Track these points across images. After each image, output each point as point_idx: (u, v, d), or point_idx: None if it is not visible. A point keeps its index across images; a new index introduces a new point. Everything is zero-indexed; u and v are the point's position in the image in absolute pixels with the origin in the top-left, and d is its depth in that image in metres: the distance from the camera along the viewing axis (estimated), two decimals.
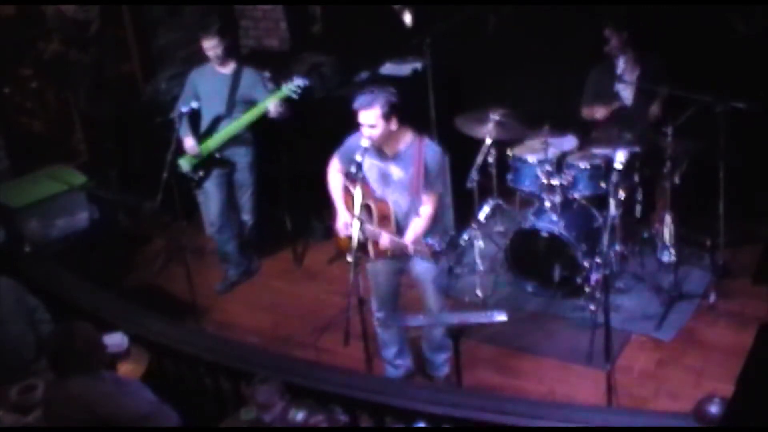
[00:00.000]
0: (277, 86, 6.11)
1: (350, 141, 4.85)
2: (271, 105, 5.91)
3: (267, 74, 7.03)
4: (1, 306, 4.57)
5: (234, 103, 6.03)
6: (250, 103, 6.04)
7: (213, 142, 6.06)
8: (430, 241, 4.50)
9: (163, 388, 4.06)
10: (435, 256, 4.50)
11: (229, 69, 6.07)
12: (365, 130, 4.59)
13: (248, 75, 6.08)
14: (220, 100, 6.01)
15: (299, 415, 3.93)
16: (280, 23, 7.86)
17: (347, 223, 4.81)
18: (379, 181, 4.79)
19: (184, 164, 6.08)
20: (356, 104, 4.61)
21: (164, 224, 6.69)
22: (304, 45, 7.57)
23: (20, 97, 6.97)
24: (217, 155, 6.10)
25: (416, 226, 4.70)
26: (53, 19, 6.91)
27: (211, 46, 5.96)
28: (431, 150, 4.73)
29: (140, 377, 4.28)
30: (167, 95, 6.89)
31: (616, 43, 5.92)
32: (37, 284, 5.03)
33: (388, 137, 4.66)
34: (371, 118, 4.57)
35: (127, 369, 4.40)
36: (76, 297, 5.15)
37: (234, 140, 6.09)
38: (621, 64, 5.97)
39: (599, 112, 6.04)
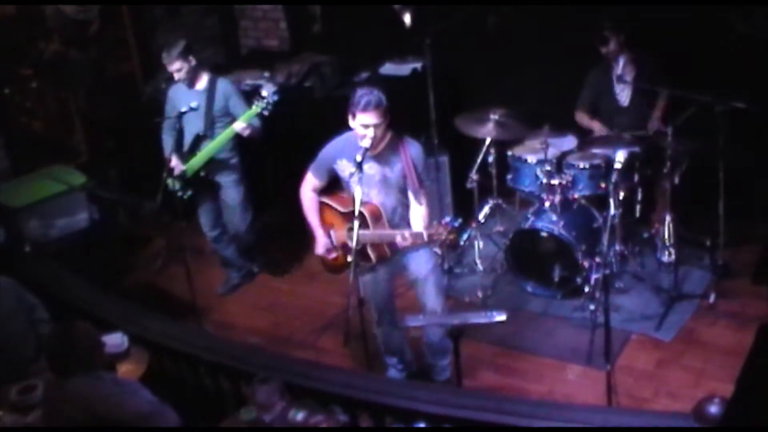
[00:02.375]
0: (274, 90, 6.00)
1: (325, 152, 4.83)
2: (239, 127, 5.74)
3: (267, 74, 7.05)
4: (1, 304, 4.56)
5: (212, 118, 5.86)
6: (229, 116, 5.88)
7: (196, 161, 5.90)
8: (446, 219, 4.41)
9: (163, 388, 4.06)
10: (455, 233, 4.37)
11: (202, 85, 5.87)
12: (370, 132, 4.55)
13: (222, 87, 5.89)
14: (198, 117, 5.82)
15: (299, 415, 3.93)
16: (279, 23, 7.86)
17: (328, 247, 4.84)
18: (365, 182, 4.65)
19: (173, 183, 5.92)
20: (364, 105, 4.50)
21: (164, 224, 6.68)
22: (304, 45, 7.58)
23: (20, 97, 6.97)
24: (203, 173, 5.95)
25: (421, 216, 4.68)
26: (53, 19, 6.91)
27: (174, 69, 5.76)
28: (414, 147, 4.73)
29: (140, 377, 4.28)
30: (167, 92, 6.89)
31: (613, 45, 5.93)
32: (37, 284, 5.02)
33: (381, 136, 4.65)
34: (379, 116, 4.53)
35: (127, 369, 4.40)
36: (76, 297, 5.15)
37: (217, 160, 5.95)
38: (620, 65, 5.98)
39: (596, 126, 6.06)
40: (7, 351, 4.52)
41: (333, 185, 4.96)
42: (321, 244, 4.89)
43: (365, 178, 4.66)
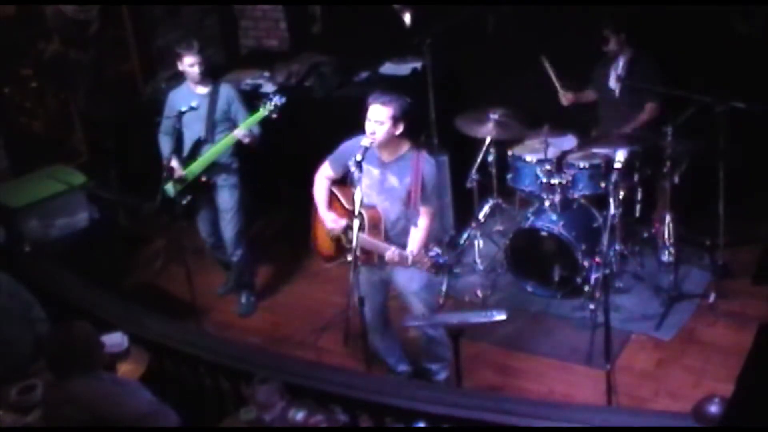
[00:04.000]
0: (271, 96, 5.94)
1: (344, 147, 4.81)
2: (240, 133, 5.66)
3: (267, 74, 7.05)
4: None
5: (214, 123, 5.79)
6: (230, 121, 5.82)
7: (196, 166, 5.82)
8: (432, 252, 4.46)
9: (163, 388, 4.06)
10: (437, 268, 4.46)
11: (206, 88, 5.82)
12: (370, 127, 4.56)
13: (225, 92, 5.84)
14: (200, 121, 5.78)
15: (299, 415, 3.93)
16: (280, 23, 7.86)
17: (336, 219, 4.79)
18: (372, 186, 4.72)
19: (171, 189, 5.85)
20: (371, 97, 4.60)
21: (164, 224, 6.68)
22: (304, 45, 7.58)
23: (20, 97, 6.97)
24: (203, 179, 5.87)
25: (416, 239, 4.64)
26: (53, 19, 6.91)
27: (193, 62, 5.72)
28: (428, 164, 4.69)
29: (140, 377, 4.28)
30: (167, 95, 6.89)
31: (614, 44, 5.94)
32: (36, 284, 5.01)
33: (389, 141, 4.63)
34: (382, 115, 4.54)
35: (127, 369, 4.40)
36: (76, 297, 5.15)
37: (217, 164, 5.87)
38: (620, 64, 5.97)
39: (567, 98, 6.11)
40: (4, 349, 4.51)
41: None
42: (329, 219, 4.85)
43: (374, 184, 4.69)
